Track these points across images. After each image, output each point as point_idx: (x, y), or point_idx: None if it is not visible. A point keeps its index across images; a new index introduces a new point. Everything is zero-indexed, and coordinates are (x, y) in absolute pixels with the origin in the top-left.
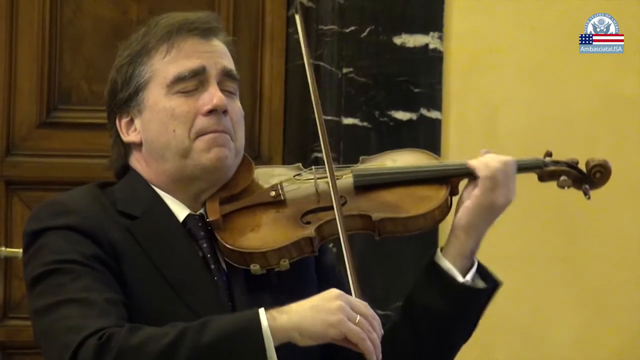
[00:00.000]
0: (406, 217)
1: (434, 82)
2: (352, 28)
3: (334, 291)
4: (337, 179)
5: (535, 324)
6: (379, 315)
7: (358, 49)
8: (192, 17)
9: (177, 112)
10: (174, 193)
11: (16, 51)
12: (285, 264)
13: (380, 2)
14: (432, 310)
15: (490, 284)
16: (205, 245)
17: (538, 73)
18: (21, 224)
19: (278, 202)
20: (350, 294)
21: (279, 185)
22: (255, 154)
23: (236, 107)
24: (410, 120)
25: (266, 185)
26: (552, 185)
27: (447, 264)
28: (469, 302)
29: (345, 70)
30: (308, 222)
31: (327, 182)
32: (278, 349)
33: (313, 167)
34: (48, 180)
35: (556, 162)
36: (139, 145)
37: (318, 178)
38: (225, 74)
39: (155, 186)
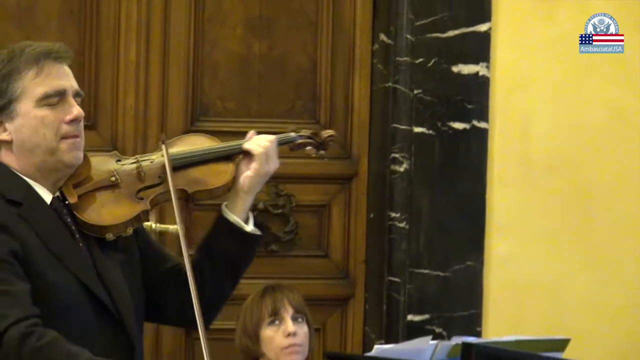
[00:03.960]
0: (212, 188)
1: (482, 100)
2: (421, 59)
3: None
4: (151, 161)
5: (559, 286)
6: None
7: (425, 75)
8: (54, 47)
9: (46, 121)
10: (39, 181)
11: (168, 76)
12: (130, 231)
13: (442, 40)
14: (227, 253)
15: (263, 231)
16: (68, 220)
17: (560, 94)
18: (171, 206)
19: (116, 185)
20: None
21: (115, 171)
22: (347, 154)
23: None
24: (464, 129)
25: (102, 170)
26: (573, 179)
27: (235, 218)
28: (253, 245)
29: (415, 92)
30: (141, 198)
31: (148, 165)
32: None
33: (137, 156)
34: None
35: (302, 136)
36: (9, 144)
37: (142, 160)
38: (77, 93)
39: (24, 175)
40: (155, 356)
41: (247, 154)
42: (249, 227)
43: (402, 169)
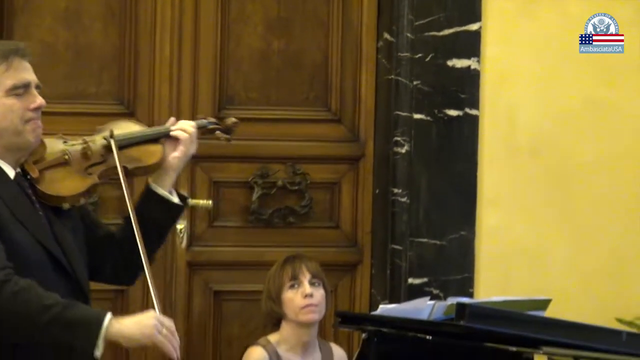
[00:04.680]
0: (147, 166)
1: (473, 90)
2: (420, 55)
3: (151, 312)
4: (93, 142)
5: (541, 252)
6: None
7: (423, 69)
8: (20, 46)
9: (14, 108)
10: (4, 159)
11: (198, 70)
12: (82, 201)
13: (438, 38)
14: (156, 221)
15: (185, 202)
16: (29, 191)
17: (542, 85)
18: (201, 183)
19: (68, 162)
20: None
21: (67, 151)
22: (355, 138)
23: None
24: (458, 116)
25: (55, 150)
26: (553, 159)
27: (163, 192)
28: (177, 214)
29: (415, 83)
30: (90, 173)
31: (93, 145)
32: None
33: (84, 137)
34: (218, 155)
35: (211, 122)
36: None
37: (88, 142)
38: (37, 86)
39: None
40: (187, 315)
41: (173, 138)
42: (175, 199)
43: (403, 151)
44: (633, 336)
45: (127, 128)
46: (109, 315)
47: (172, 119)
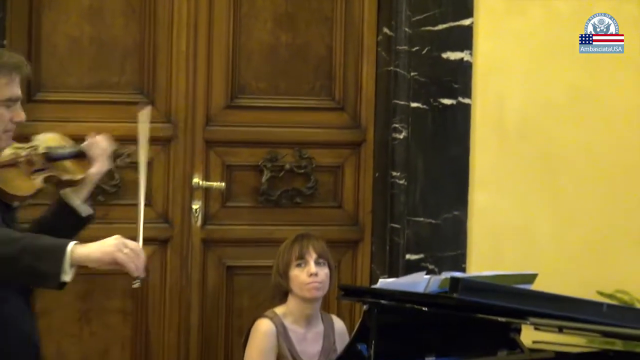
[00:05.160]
0: (77, 179)
1: (466, 80)
2: (417, 48)
3: (116, 236)
4: (34, 148)
5: (529, 230)
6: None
7: (420, 61)
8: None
9: (2, 118)
10: None
11: (212, 62)
12: (27, 201)
13: (434, 32)
14: (67, 228)
15: (93, 214)
16: None
17: (529, 75)
18: (215, 167)
19: (19, 164)
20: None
21: (17, 154)
22: (357, 125)
23: None
24: (452, 104)
25: (7, 153)
26: (540, 144)
27: (76, 203)
28: (86, 222)
29: (412, 74)
30: (35, 178)
31: (35, 152)
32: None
33: (29, 143)
34: (231, 141)
35: (116, 151)
36: None
37: (35, 148)
38: (21, 100)
39: None
40: (202, 288)
41: (91, 155)
42: (85, 212)
43: (401, 137)
44: (613, 308)
45: (61, 141)
46: (72, 241)
47: (93, 134)
